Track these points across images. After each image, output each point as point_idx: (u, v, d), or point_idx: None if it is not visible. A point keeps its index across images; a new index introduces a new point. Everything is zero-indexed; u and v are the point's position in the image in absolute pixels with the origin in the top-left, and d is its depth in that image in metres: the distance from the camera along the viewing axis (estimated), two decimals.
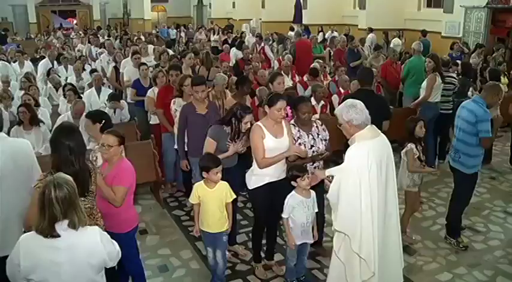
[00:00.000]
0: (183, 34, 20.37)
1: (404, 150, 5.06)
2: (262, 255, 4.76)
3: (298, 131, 4.45)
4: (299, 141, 4.42)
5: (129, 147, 5.66)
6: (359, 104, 3.59)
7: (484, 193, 6.57)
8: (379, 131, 3.64)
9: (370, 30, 15.94)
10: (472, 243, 5.28)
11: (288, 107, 5.06)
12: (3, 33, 18.99)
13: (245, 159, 4.87)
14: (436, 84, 7.12)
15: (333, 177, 3.61)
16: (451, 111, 7.39)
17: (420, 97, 7.31)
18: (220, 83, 6.40)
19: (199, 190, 4.13)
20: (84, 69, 10.35)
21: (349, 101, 3.67)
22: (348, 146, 3.64)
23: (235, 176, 4.62)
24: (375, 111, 3.96)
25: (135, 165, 3.95)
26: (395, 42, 14.57)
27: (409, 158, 4.98)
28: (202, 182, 4.16)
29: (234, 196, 4.23)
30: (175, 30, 22.06)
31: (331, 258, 3.83)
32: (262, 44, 12.80)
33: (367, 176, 3.40)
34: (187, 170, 5.59)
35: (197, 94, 5.19)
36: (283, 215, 4.15)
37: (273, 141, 4.18)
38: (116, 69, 9.56)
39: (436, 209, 6.14)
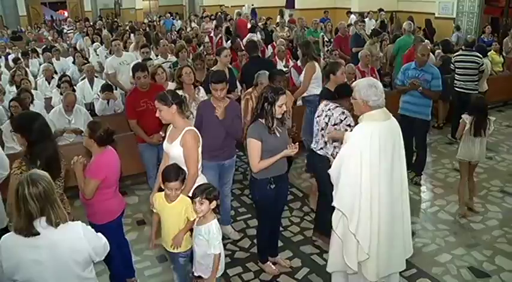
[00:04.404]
0: (194, 24, 17.75)
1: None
2: None
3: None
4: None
5: (123, 137, 5.66)
6: (380, 86, 3.51)
7: (481, 173, 6.56)
8: (390, 115, 3.58)
9: (350, 12, 15.94)
10: (470, 223, 5.29)
11: None
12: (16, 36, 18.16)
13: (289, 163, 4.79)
14: (315, 74, 6.42)
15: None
16: (476, 92, 7.51)
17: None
18: (265, 81, 5.37)
19: (158, 201, 3.69)
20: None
21: (371, 81, 3.57)
22: None
23: (285, 184, 4.33)
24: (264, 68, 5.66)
25: (129, 156, 3.92)
26: (368, 23, 14.12)
27: (460, 127, 5.37)
28: (163, 192, 3.68)
29: (195, 215, 3.57)
30: (180, 21, 20.57)
31: (331, 235, 3.81)
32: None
33: (368, 157, 3.36)
34: None
35: (216, 92, 4.59)
36: (215, 252, 3.53)
37: (165, 144, 4.04)
38: None
39: (433, 190, 6.15)
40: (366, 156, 3.36)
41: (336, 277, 3.93)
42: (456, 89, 7.64)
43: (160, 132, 5.11)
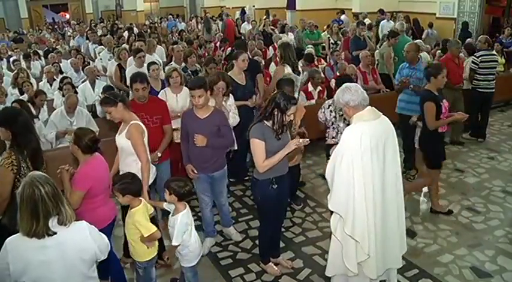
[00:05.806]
0: (201, 26, 17.20)
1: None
2: None
3: None
4: None
5: None
6: (353, 85, 3.58)
7: (482, 173, 6.56)
8: (380, 113, 3.59)
9: (342, 12, 16.05)
10: (472, 223, 5.29)
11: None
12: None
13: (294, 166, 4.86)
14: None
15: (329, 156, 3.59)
16: (493, 90, 7.60)
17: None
18: (288, 88, 5.05)
19: None
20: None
21: (343, 86, 3.66)
22: None
23: (285, 185, 4.21)
24: (251, 69, 6.21)
25: None
26: (387, 25, 13.07)
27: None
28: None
29: (149, 232, 3.57)
30: (183, 23, 20.31)
31: (330, 238, 3.82)
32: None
33: (359, 158, 3.37)
34: (192, 175, 4.64)
35: (194, 99, 4.40)
36: (173, 243, 3.66)
37: (116, 136, 4.30)
38: (121, 68, 8.06)
39: None
40: (357, 157, 3.37)
41: (336, 281, 3.92)
42: (479, 90, 7.58)
43: (157, 152, 4.74)
